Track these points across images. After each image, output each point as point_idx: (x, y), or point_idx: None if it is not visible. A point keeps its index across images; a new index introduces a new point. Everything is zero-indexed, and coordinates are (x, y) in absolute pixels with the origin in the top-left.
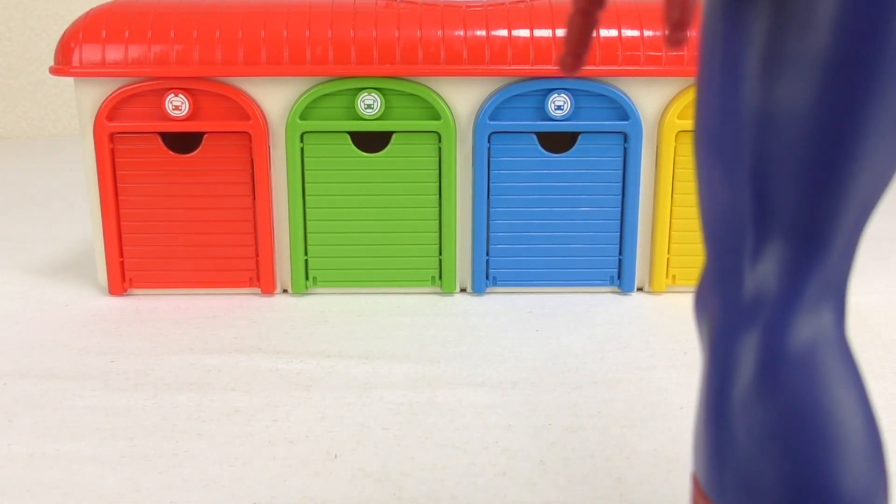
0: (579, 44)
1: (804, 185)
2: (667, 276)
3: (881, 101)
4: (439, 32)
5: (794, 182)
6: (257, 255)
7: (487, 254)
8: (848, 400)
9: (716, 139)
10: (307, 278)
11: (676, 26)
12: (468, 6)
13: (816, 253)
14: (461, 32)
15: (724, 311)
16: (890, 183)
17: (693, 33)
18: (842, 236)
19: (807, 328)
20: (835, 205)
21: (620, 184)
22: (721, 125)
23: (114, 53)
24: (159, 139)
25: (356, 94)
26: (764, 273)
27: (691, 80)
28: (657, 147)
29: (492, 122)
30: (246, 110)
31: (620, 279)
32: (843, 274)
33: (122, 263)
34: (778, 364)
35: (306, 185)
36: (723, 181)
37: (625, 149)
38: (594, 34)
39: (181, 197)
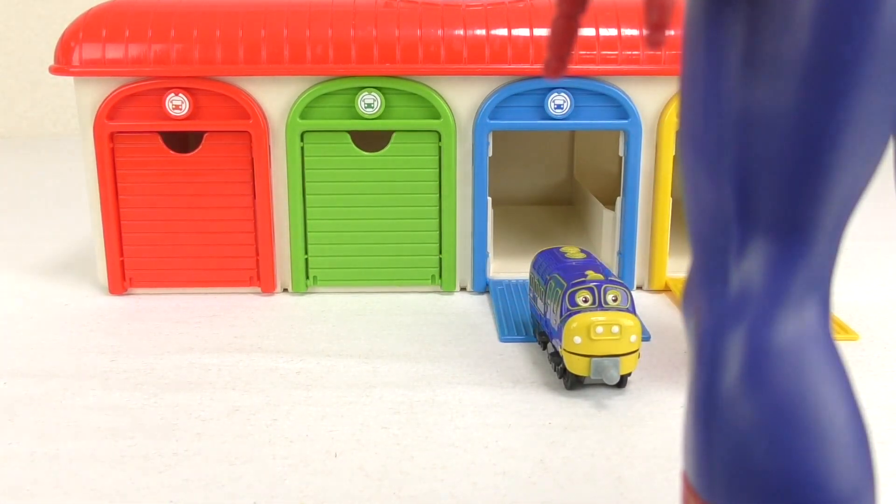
0: (563, 47)
1: (786, 183)
2: (666, 274)
3: (859, 100)
4: (439, 32)
5: (777, 181)
6: (257, 255)
7: (487, 252)
8: (833, 394)
9: (699, 139)
10: (307, 277)
11: (655, 27)
12: (468, 5)
13: (800, 250)
14: (461, 32)
15: (711, 308)
16: (870, 181)
17: (672, 34)
18: (824, 233)
19: (792, 324)
20: (817, 202)
21: (620, 182)
22: (704, 125)
23: (114, 53)
24: (159, 138)
25: (356, 94)
26: (749, 270)
27: None
28: (656, 145)
29: (492, 122)
30: (246, 109)
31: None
32: (826, 270)
33: (122, 263)
34: (764, 360)
35: (306, 184)
36: (707, 180)
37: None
38: (577, 37)
39: (181, 196)
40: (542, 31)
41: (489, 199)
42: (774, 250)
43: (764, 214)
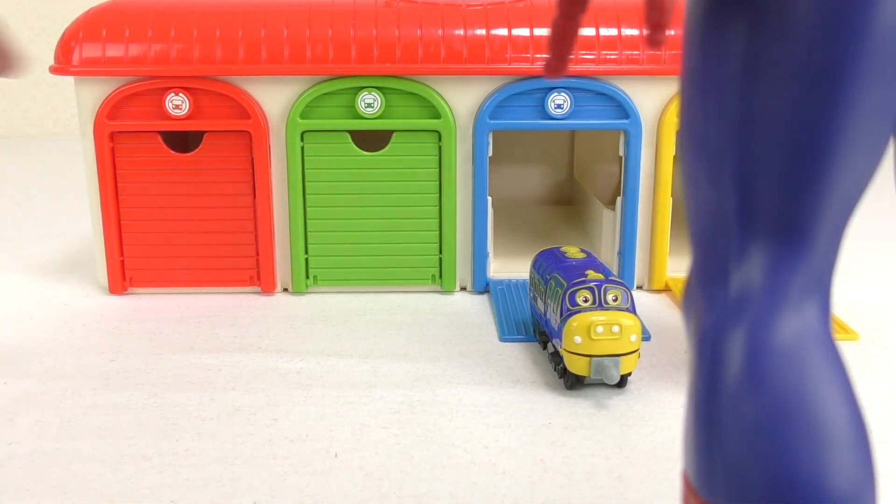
0: (563, 47)
1: (786, 183)
2: (666, 274)
3: (856, 102)
4: (439, 31)
5: (777, 181)
6: (257, 254)
7: (487, 252)
8: (833, 394)
9: (700, 140)
10: (307, 277)
11: (655, 27)
12: (468, 5)
13: (800, 250)
14: (461, 31)
15: (711, 308)
16: (870, 181)
17: (672, 33)
18: (824, 233)
19: (792, 324)
20: (816, 203)
21: (620, 182)
22: (705, 126)
23: (114, 52)
24: (159, 138)
25: (356, 93)
26: (749, 270)
27: None
28: (656, 145)
29: (492, 121)
30: (246, 109)
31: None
32: (826, 270)
33: (122, 262)
34: (764, 359)
35: (307, 183)
36: (708, 181)
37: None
38: (577, 37)
39: (181, 196)
40: (542, 31)
41: (489, 199)
42: (775, 250)
43: (764, 215)
